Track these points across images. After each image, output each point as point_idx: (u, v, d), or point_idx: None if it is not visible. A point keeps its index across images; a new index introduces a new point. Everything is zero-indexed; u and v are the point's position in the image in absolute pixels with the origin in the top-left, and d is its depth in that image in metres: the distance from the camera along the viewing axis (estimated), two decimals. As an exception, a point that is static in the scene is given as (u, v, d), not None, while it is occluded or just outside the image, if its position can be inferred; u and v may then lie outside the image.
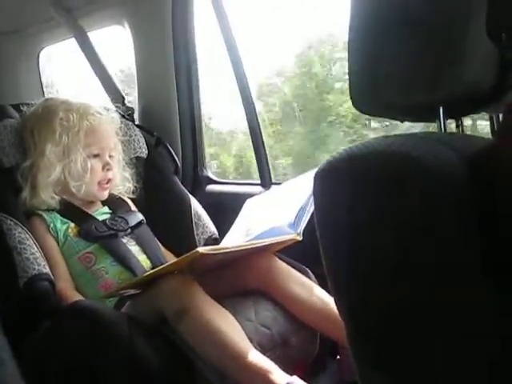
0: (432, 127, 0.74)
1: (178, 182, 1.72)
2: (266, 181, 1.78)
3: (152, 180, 1.70)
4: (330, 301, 1.24)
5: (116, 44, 2.07)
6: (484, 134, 0.97)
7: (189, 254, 1.13)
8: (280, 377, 1.08)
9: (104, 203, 1.54)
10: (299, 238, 1.29)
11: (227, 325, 1.15)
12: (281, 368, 1.10)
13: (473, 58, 0.61)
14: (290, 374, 1.09)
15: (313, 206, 0.63)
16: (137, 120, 1.89)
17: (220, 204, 1.76)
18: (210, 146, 2.32)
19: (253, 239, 1.28)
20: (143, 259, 1.44)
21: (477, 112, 0.73)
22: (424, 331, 0.54)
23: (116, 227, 1.45)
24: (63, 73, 2.62)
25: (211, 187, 1.91)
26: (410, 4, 0.64)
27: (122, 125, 1.67)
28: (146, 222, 1.56)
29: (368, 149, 0.56)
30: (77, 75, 2.18)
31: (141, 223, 1.52)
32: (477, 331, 0.51)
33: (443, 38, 0.61)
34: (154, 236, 1.54)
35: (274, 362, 1.11)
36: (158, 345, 1.15)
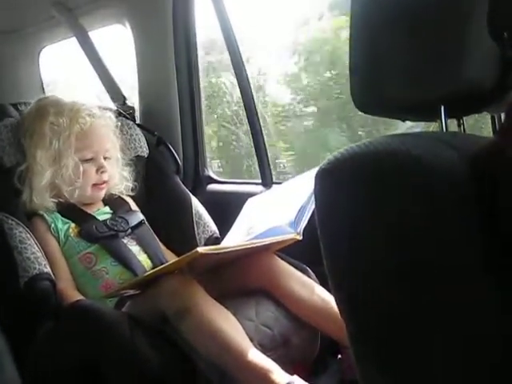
0: (433, 126, 0.74)
1: (179, 182, 1.72)
2: (267, 180, 1.78)
3: (153, 179, 1.70)
4: (331, 300, 1.24)
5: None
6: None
7: (189, 254, 1.13)
8: (281, 376, 1.08)
9: (105, 203, 1.54)
10: (299, 238, 1.29)
11: (228, 324, 1.15)
12: (282, 368, 1.10)
13: (474, 57, 0.61)
14: (291, 374, 1.09)
15: (313, 205, 0.63)
16: (138, 119, 1.89)
17: (221, 203, 1.76)
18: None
19: (253, 238, 1.28)
20: (144, 259, 1.44)
21: (478, 111, 0.73)
22: (425, 331, 0.54)
23: (116, 227, 1.45)
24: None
25: (212, 186, 1.91)
26: (412, 3, 0.64)
27: (123, 124, 1.67)
28: (147, 222, 1.56)
29: (369, 148, 0.56)
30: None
31: (141, 223, 1.52)
32: (478, 330, 0.51)
33: (444, 38, 0.61)
34: (155, 235, 1.54)
35: (275, 362, 1.11)
36: (159, 344, 1.15)
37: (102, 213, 1.51)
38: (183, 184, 1.72)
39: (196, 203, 1.65)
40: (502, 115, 0.69)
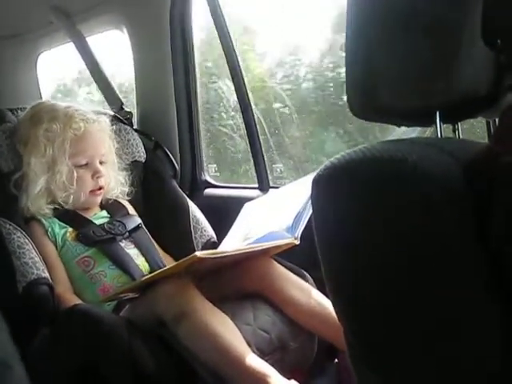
0: (428, 132, 0.74)
1: (177, 186, 1.72)
2: (264, 185, 1.78)
3: (150, 184, 1.70)
4: (328, 304, 1.24)
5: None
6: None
7: (187, 258, 1.13)
8: (278, 381, 1.08)
9: (102, 207, 1.54)
10: (297, 242, 1.30)
11: (226, 329, 1.15)
12: (279, 372, 1.10)
13: (469, 63, 0.61)
14: (288, 378, 1.10)
15: (311, 211, 0.63)
16: (135, 124, 1.89)
17: (218, 208, 1.76)
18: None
19: (251, 244, 1.28)
20: (141, 262, 1.44)
21: (473, 117, 0.73)
22: (421, 334, 0.54)
23: (114, 231, 1.45)
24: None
25: (209, 191, 1.91)
26: (406, 10, 0.65)
27: (120, 129, 1.67)
28: (145, 226, 1.56)
29: (365, 154, 0.57)
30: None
31: (138, 227, 1.52)
32: (475, 332, 0.52)
33: (439, 44, 0.62)
34: (152, 239, 1.54)
35: (273, 366, 1.11)
36: (157, 349, 1.15)
37: (100, 217, 1.51)
38: (180, 188, 1.72)
39: (193, 208, 1.65)
40: (497, 120, 0.69)
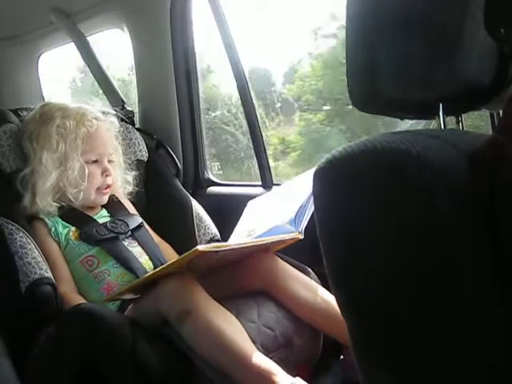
0: (432, 124, 0.74)
1: (179, 185, 1.72)
2: (267, 182, 1.78)
3: (153, 183, 1.70)
4: (332, 300, 1.23)
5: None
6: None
7: (189, 252, 1.12)
8: (283, 378, 1.07)
9: (103, 206, 1.54)
10: (301, 237, 1.29)
11: (230, 326, 1.14)
12: (284, 369, 1.09)
13: (471, 54, 0.61)
14: (293, 376, 1.09)
15: (313, 205, 0.63)
16: (137, 123, 1.89)
17: (221, 206, 1.76)
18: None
19: (254, 238, 1.28)
20: (145, 261, 1.44)
21: (477, 108, 0.73)
22: (425, 331, 0.54)
23: (117, 230, 1.46)
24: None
25: (212, 189, 1.91)
26: (407, 1, 0.64)
27: (123, 128, 1.67)
28: (148, 225, 1.56)
29: (367, 146, 0.56)
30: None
31: (140, 226, 1.53)
32: (478, 329, 0.51)
33: (441, 34, 0.61)
34: (154, 239, 1.54)
35: (277, 364, 1.10)
36: (161, 348, 1.15)
37: (101, 216, 1.51)
38: (183, 187, 1.72)
39: (196, 206, 1.65)
40: (501, 112, 0.69)
